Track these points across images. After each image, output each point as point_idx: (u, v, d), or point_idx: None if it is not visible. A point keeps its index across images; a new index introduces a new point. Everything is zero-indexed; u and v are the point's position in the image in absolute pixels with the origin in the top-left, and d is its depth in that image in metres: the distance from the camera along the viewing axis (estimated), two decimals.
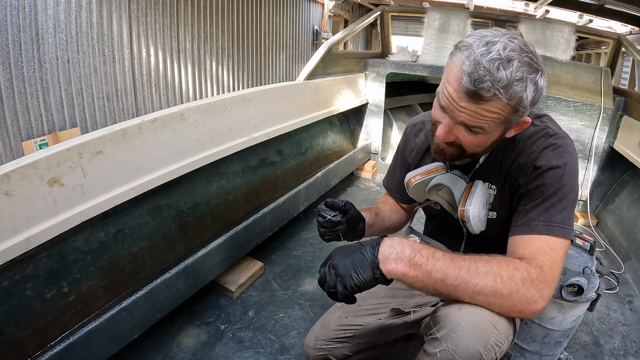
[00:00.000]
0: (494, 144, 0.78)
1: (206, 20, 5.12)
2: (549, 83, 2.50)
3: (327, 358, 1.09)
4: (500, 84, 0.64)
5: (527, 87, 0.65)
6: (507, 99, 0.65)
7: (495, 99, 0.65)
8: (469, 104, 0.67)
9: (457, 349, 0.67)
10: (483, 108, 0.67)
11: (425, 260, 0.68)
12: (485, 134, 0.72)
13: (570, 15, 5.42)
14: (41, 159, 1.01)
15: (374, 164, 3.09)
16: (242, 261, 1.71)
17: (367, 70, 3.01)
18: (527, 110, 0.70)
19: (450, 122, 0.73)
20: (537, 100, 0.69)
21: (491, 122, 0.69)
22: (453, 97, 0.69)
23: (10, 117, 3.14)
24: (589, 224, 2.41)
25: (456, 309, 0.70)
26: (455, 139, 0.75)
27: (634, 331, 1.55)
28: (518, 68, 0.64)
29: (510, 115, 0.69)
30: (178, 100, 4.93)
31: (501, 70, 0.63)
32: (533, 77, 0.66)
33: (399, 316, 0.97)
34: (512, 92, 0.65)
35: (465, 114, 0.69)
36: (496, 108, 0.67)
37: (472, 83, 0.64)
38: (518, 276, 0.67)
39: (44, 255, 1.10)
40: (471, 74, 0.64)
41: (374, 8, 3.88)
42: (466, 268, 0.67)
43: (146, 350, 1.29)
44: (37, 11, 3.17)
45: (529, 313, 0.68)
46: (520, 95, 0.66)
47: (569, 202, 0.74)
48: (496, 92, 0.64)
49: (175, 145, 1.43)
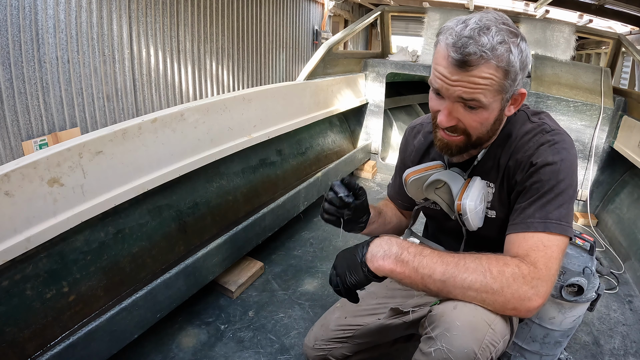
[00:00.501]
0: (497, 123, 0.78)
1: (206, 20, 5.12)
2: (549, 83, 2.50)
3: (327, 358, 1.09)
4: (485, 47, 0.66)
5: (511, 48, 0.68)
6: (496, 60, 0.67)
7: (483, 62, 0.67)
8: (461, 74, 0.69)
9: (452, 348, 0.67)
10: (475, 75, 0.68)
11: (412, 257, 0.71)
12: (485, 109, 0.73)
13: (570, 15, 5.42)
14: (41, 159, 1.01)
15: (374, 164, 3.09)
16: (242, 261, 1.71)
17: (367, 70, 3.01)
18: (518, 75, 0.71)
19: (448, 103, 0.73)
20: (525, 63, 0.71)
21: (486, 91, 0.70)
22: (444, 74, 0.70)
23: (10, 117, 3.14)
24: (589, 224, 2.41)
25: (451, 307, 0.70)
26: (458, 122, 0.75)
27: (634, 331, 1.55)
28: (497, 32, 0.67)
29: (503, 80, 0.69)
30: (178, 100, 4.93)
31: (482, 36, 0.66)
32: (514, 40, 0.68)
33: (398, 316, 0.97)
34: (499, 54, 0.67)
35: (460, 87, 0.70)
36: (487, 73, 0.68)
37: (458, 52, 0.67)
38: (508, 271, 0.67)
39: (44, 255, 1.10)
40: (455, 43, 0.67)
41: (374, 8, 3.88)
42: (454, 264, 0.69)
43: (146, 350, 1.29)
44: (37, 11, 3.17)
45: (525, 311, 0.67)
46: (507, 56, 0.67)
47: (566, 198, 0.73)
48: (482, 54, 0.66)
49: (175, 145, 1.43)
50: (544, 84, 2.50)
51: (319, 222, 2.27)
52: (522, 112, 0.86)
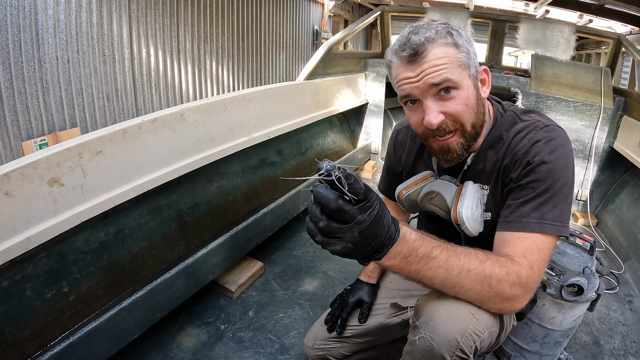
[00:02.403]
0: (481, 105, 0.79)
1: (206, 20, 5.12)
2: (549, 83, 2.50)
3: (326, 358, 1.09)
4: (427, 34, 0.72)
5: (450, 31, 0.74)
6: (442, 40, 0.72)
7: (430, 45, 0.71)
8: (419, 65, 0.72)
9: (434, 336, 0.67)
10: (430, 59, 0.71)
11: (419, 259, 0.63)
12: (461, 89, 0.74)
13: (570, 15, 5.42)
14: (41, 159, 1.01)
15: (374, 164, 3.09)
16: (242, 261, 1.71)
17: (367, 70, 3.01)
18: (470, 54, 0.75)
19: (426, 102, 0.74)
20: (471, 44, 0.76)
21: (449, 67, 0.72)
22: (407, 76, 0.74)
23: (10, 117, 3.14)
24: (589, 224, 2.41)
25: (435, 297, 0.71)
26: (445, 116, 0.75)
27: (634, 331, 1.55)
28: (437, 26, 0.73)
29: (457, 54, 0.73)
30: (178, 100, 4.93)
31: (424, 30, 0.72)
32: (456, 31, 0.74)
33: (398, 313, 0.97)
34: (442, 35, 0.72)
35: (424, 75, 0.72)
36: (440, 52, 0.72)
37: (407, 49, 0.72)
38: (507, 281, 0.66)
39: (44, 255, 1.10)
40: (403, 44, 0.73)
41: (374, 8, 3.87)
42: (457, 270, 0.64)
43: (146, 350, 1.29)
44: (37, 11, 3.17)
45: (510, 310, 0.69)
46: (450, 36, 0.73)
47: (562, 197, 0.73)
48: (426, 39, 0.71)
49: (175, 145, 1.43)
50: (544, 84, 2.50)
51: None
52: (511, 112, 0.84)
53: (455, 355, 0.67)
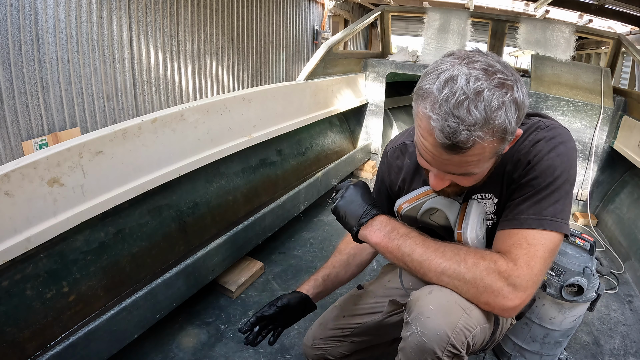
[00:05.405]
0: (493, 168, 0.75)
1: (206, 20, 5.12)
2: (549, 83, 2.50)
3: (325, 357, 1.09)
4: (477, 126, 0.57)
5: (506, 111, 0.58)
6: (490, 135, 0.59)
7: (475, 146, 0.59)
8: (452, 155, 0.62)
9: (425, 331, 0.67)
10: (467, 154, 0.61)
11: (399, 236, 0.76)
12: (479, 173, 0.69)
13: (570, 15, 5.42)
14: (41, 159, 1.01)
15: (374, 164, 3.09)
16: (242, 261, 1.71)
17: (367, 70, 3.01)
18: (514, 131, 0.63)
19: (438, 171, 0.70)
20: (522, 114, 0.63)
21: (479, 162, 0.64)
22: (433, 152, 0.64)
23: (10, 117, 3.14)
24: (589, 224, 2.41)
25: (426, 292, 0.71)
26: (450, 182, 0.72)
27: (634, 331, 1.55)
28: (490, 98, 0.57)
29: (499, 146, 0.63)
30: (178, 100, 4.93)
31: (473, 111, 0.56)
32: (510, 95, 0.59)
33: (397, 311, 0.97)
34: (493, 126, 0.58)
35: (451, 165, 0.65)
36: (481, 149, 0.61)
37: (447, 138, 0.58)
38: (483, 264, 0.67)
39: (44, 255, 1.10)
40: (443, 129, 0.58)
41: (374, 8, 3.87)
42: (434, 249, 0.72)
43: (146, 350, 1.29)
44: (37, 11, 3.17)
45: (499, 309, 0.66)
46: (503, 125, 0.59)
47: (562, 194, 0.70)
48: (476, 138, 0.58)
49: (175, 145, 1.43)
50: (544, 84, 2.50)
51: (319, 222, 2.27)
52: None
53: (446, 350, 0.66)
